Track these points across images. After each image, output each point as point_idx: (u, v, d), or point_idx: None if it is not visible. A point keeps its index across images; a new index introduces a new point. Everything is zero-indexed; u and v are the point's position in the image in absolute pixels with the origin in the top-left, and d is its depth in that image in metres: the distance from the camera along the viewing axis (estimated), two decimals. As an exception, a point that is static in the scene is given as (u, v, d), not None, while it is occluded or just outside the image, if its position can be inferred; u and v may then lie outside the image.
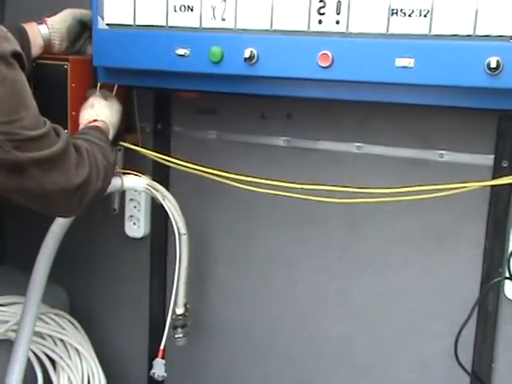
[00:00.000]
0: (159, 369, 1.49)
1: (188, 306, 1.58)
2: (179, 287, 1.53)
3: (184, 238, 1.51)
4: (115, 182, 1.43)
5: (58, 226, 1.47)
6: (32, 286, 1.49)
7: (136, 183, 1.50)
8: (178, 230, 1.50)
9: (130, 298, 1.82)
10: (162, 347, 1.48)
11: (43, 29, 1.38)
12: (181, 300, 1.55)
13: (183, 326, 1.58)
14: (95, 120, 1.38)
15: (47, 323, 1.66)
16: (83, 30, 1.44)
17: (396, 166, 1.48)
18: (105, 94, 1.44)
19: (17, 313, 1.59)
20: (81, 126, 1.38)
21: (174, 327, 1.56)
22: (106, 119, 1.39)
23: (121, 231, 1.74)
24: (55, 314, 1.69)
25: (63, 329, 1.68)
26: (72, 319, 1.72)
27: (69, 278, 1.79)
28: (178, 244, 1.49)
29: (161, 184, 1.54)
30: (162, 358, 1.49)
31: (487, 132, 1.39)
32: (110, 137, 1.39)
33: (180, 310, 1.56)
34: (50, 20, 1.40)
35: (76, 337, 1.68)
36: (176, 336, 1.57)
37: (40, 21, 1.39)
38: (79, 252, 1.74)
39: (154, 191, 1.50)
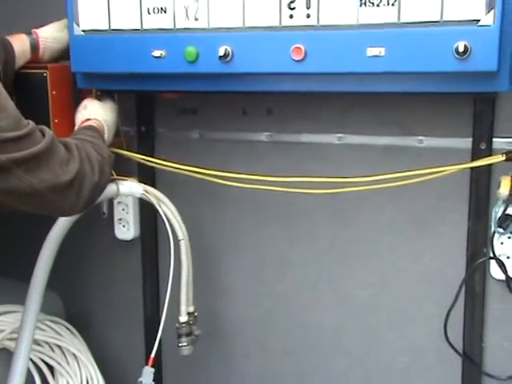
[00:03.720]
0: (147, 377, 1.45)
1: (196, 314, 1.56)
2: (181, 295, 1.51)
3: (183, 243, 1.50)
4: (111, 189, 1.44)
5: (56, 233, 1.47)
6: (30, 295, 1.49)
7: (132, 189, 1.51)
8: (175, 235, 1.49)
9: (124, 301, 1.83)
10: (152, 355, 1.45)
11: (32, 40, 1.41)
12: (184, 307, 1.52)
13: (188, 334, 1.53)
14: (88, 119, 1.40)
15: (43, 330, 1.67)
16: None
17: (377, 155, 1.50)
18: (99, 96, 1.46)
19: (12, 322, 1.60)
20: (75, 128, 1.40)
21: (178, 336, 1.53)
22: (100, 117, 1.41)
23: (111, 234, 1.76)
24: (51, 321, 1.70)
25: (60, 335, 1.69)
26: (68, 325, 1.73)
27: (63, 284, 1.80)
28: (172, 249, 1.48)
29: (147, 185, 1.55)
30: (152, 366, 1.46)
31: (464, 115, 1.41)
32: (106, 135, 1.41)
33: (183, 318, 1.52)
34: (39, 31, 1.42)
35: (73, 342, 1.69)
36: (180, 345, 1.53)
37: (29, 32, 1.42)
38: (71, 257, 1.75)
39: (150, 197, 1.51)
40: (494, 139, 1.39)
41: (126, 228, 1.73)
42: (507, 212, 1.35)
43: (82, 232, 1.74)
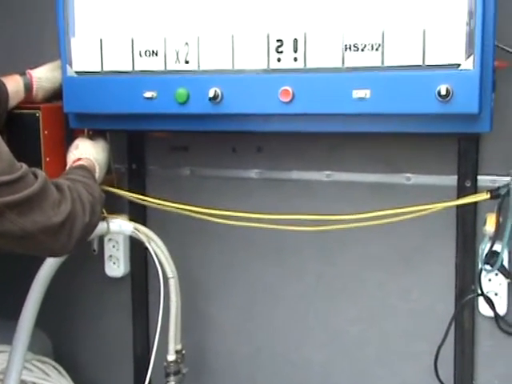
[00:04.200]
0: None
1: (183, 352, 1.56)
2: (170, 333, 1.51)
3: (172, 281, 1.50)
4: (101, 227, 1.45)
5: (44, 273, 1.47)
6: (18, 334, 1.48)
7: (122, 227, 1.52)
8: (165, 273, 1.50)
9: (113, 340, 1.82)
10: None
11: (25, 80, 1.43)
12: (172, 346, 1.52)
13: (176, 373, 1.53)
14: (79, 159, 1.42)
15: (31, 370, 1.64)
16: None
17: (365, 192, 1.52)
18: (91, 136, 1.49)
19: (-2, 362, 1.58)
20: (67, 168, 1.42)
21: (166, 374, 1.53)
22: (91, 157, 1.44)
23: (101, 271, 1.76)
24: (39, 361, 1.68)
25: (48, 375, 1.66)
26: (56, 365, 1.71)
27: (51, 323, 1.79)
28: (162, 288, 1.47)
29: (138, 222, 1.57)
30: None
31: (449, 153, 1.44)
32: (98, 174, 1.43)
33: (172, 357, 1.52)
34: (32, 72, 1.45)
35: (61, 383, 1.67)
36: None
37: (23, 72, 1.45)
38: (60, 295, 1.74)
39: (140, 235, 1.52)
40: (479, 177, 1.42)
41: (117, 265, 1.74)
42: (494, 249, 1.37)
43: (71, 269, 1.74)
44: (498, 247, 1.36)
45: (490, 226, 1.36)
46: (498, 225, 1.34)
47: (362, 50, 1.20)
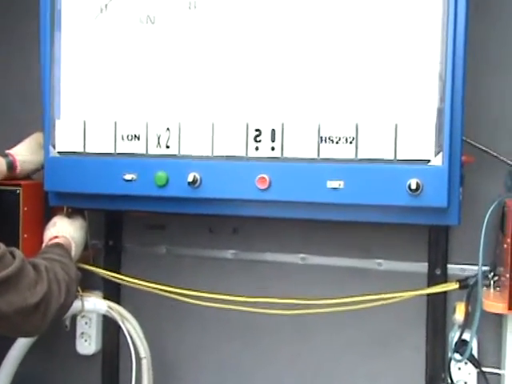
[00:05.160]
0: None
1: None
2: None
3: (145, 361, 1.48)
4: (75, 305, 1.44)
5: (16, 352, 1.45)
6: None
7: (97, 306, 1.52)
8: (138, 353, 1.48)
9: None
10: None
11: (8, 161, 1.45)
12: None
13: None
14: (56, 236, 1.43)
15: None
16: None
17: (339, 275, 1.55)
18: (69, 214, 1.50)
19: None
20: (43, 245, 1.42)
21: None
22: (68, 235, 1.45)
23: (72, 349, 1.74)
24: None
25: None
26: None
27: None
28: (134, 367, 1.46)
29: (112, 299, 1.56)
30: None
31: (420, 241, 1.48)
32: (74, 252, 1.44)
33: None
34: (14, 152, 1.47)
35: None
36: None
37: (4, 154, 1.47)
38: (30, 372, 1.71)
39: (114, 313, 1.51)
40: (449, 265, 1.46)
41: (88, 342, 1.71)
42: (463, 337, 1.39)
43: (41, 344, 1.72)
44: (467, 336, 1.38)
45: (459, 314, 1.38)
46: (468, 314, 1.37)
47: (337, 142, 1.25)
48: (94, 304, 1.50)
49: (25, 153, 1.47)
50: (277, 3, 1.29)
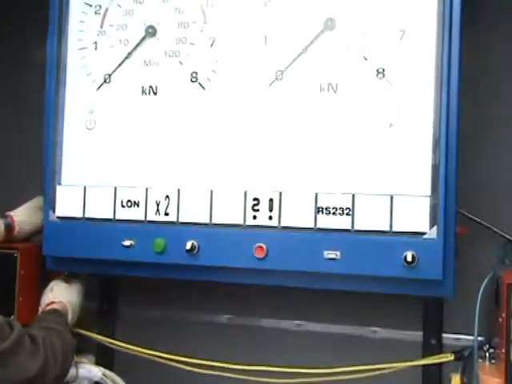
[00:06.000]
0: None
1: None
2: None
3: None
4: (70, 373, 1.42)
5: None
6: None
7: (91, 373, 1.50)
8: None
9: None
10: None
11: (7, 222, 1.47)
12: None
13: None
14: (53, 302, 1.42)
15: None
16: None
17: (334, 342, 1.55)
18: (67, 278, 1.50)
19: None
20: (40, 310, 1.42)
21: None
22: (64, 300, 1.45)
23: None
24: None
25: None
26: None
27: None
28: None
29: (105, 363, 1.55)
30: None
31: (415, 311, 1.49)
32: (70, 317, 1.43)
33: None
34: (14, 215, 1.49)
35: None
36: None
37: (4, 216, 1.49)
38: None
39: (107, 381, 1.50)
40: (444, 335, 1.47)
41: (79, 409, 1.68)
42: (458, 410, 1.38)
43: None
44: (462, 408, 1.37)
45: (454, 386, 1.38)
46: (463, 385, 1.37)
47: (334, 213, 1.28)
48: (89, 371, 1.49)
49: (23, 214, 1.49)
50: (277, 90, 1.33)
